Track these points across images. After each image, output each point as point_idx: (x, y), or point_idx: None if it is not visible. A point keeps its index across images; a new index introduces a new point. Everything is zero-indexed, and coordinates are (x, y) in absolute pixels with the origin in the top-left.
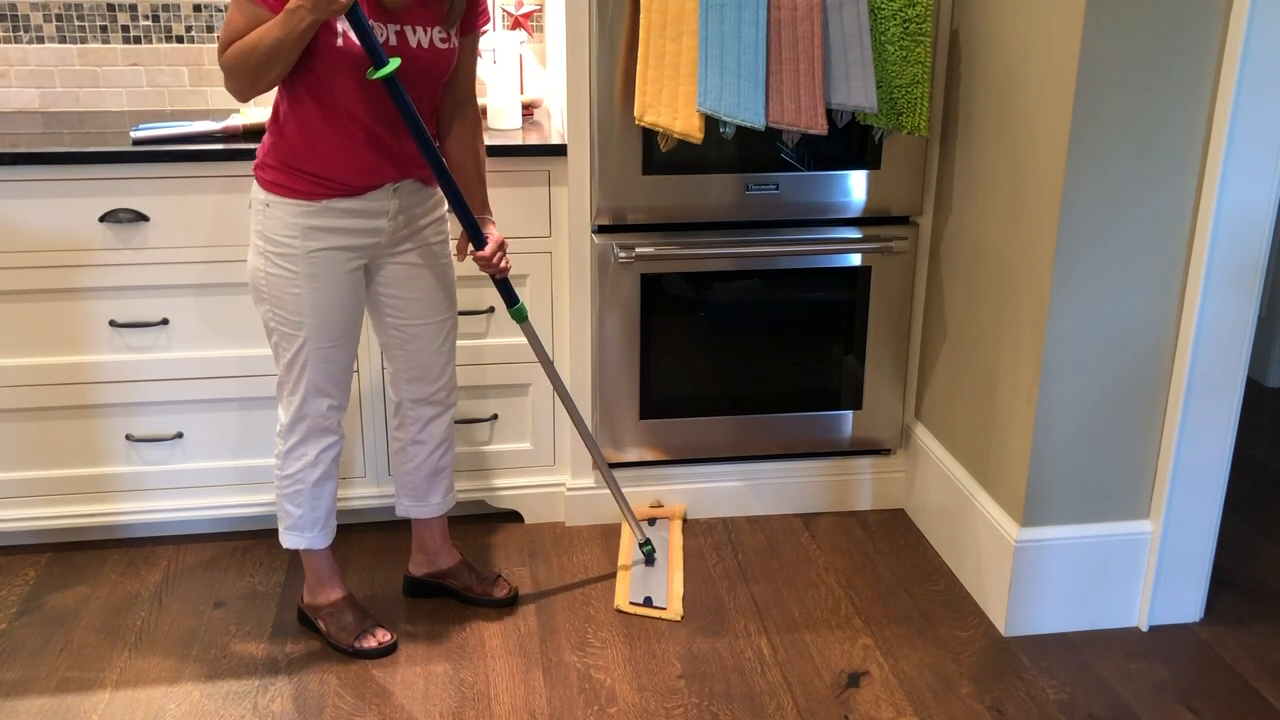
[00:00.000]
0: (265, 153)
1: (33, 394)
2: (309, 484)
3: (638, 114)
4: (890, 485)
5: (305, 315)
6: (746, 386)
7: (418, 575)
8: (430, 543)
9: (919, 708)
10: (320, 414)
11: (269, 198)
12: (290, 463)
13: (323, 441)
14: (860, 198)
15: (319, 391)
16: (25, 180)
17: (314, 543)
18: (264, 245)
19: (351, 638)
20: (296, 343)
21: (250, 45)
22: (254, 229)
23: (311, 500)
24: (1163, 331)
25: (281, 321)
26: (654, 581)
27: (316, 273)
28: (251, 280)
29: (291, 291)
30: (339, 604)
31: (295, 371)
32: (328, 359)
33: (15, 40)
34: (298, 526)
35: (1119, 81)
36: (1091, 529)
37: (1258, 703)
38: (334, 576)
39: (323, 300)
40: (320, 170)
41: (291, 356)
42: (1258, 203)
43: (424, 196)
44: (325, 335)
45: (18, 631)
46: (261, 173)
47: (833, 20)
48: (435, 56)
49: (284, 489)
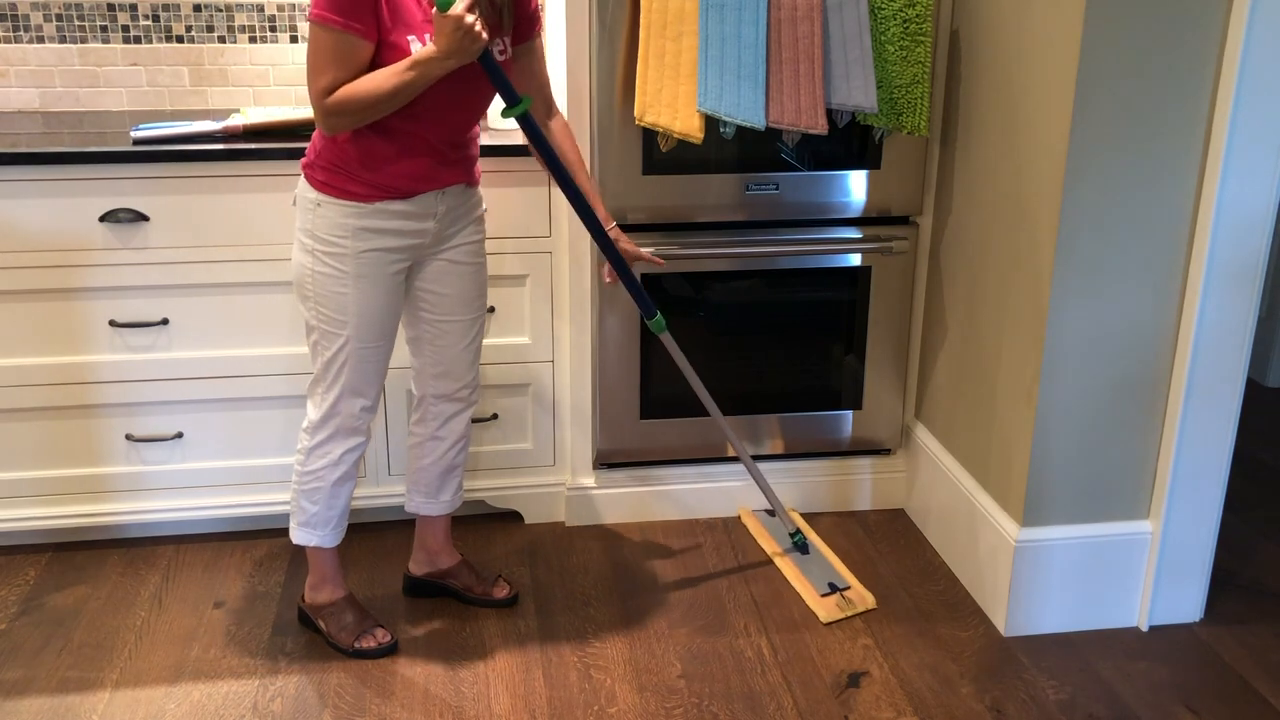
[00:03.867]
0: (317, 154)
1: (33, 394)
2: (329, 483)
3: (638, 114)
4: (890, 485)
5: (350, 315)
6: (747, 386)
7: (418, 575)
8: (433, 541)
9: (919, 708)
10: (352, 414)
11: (320, 197)
12: (313, 459)
13: (349, 442)
14: (860, 198)
15: (354, 392)
16: (25, 180)
17: (324, 541)
18: (312, 244)
19: (351, 638)
20: (338, 342)
21: (368, 90)
22: (301, 226)
23: (329, 499)
24: (1163, 331)
25: (325, 320)
26: (819, 569)
27: (364, 273)
28: (297, 278)
29: (338, 290)
30: (340, 604)
31: (333, 370)
32: (367, 359)
33: (15, 40)
34: (311, 523)
35: (1119, 82)
36: (1091, 529)
37: (1258, 703)
38: (337, 576)
39: (368, 301)
40: (375, 177)
41: (331, 355)
42: (1258, 203)
43: (467, 196)
44: (367, 335)
45: (18, 631)
46: (312, 173)
47: (833, 20)
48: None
49: (303, 484)
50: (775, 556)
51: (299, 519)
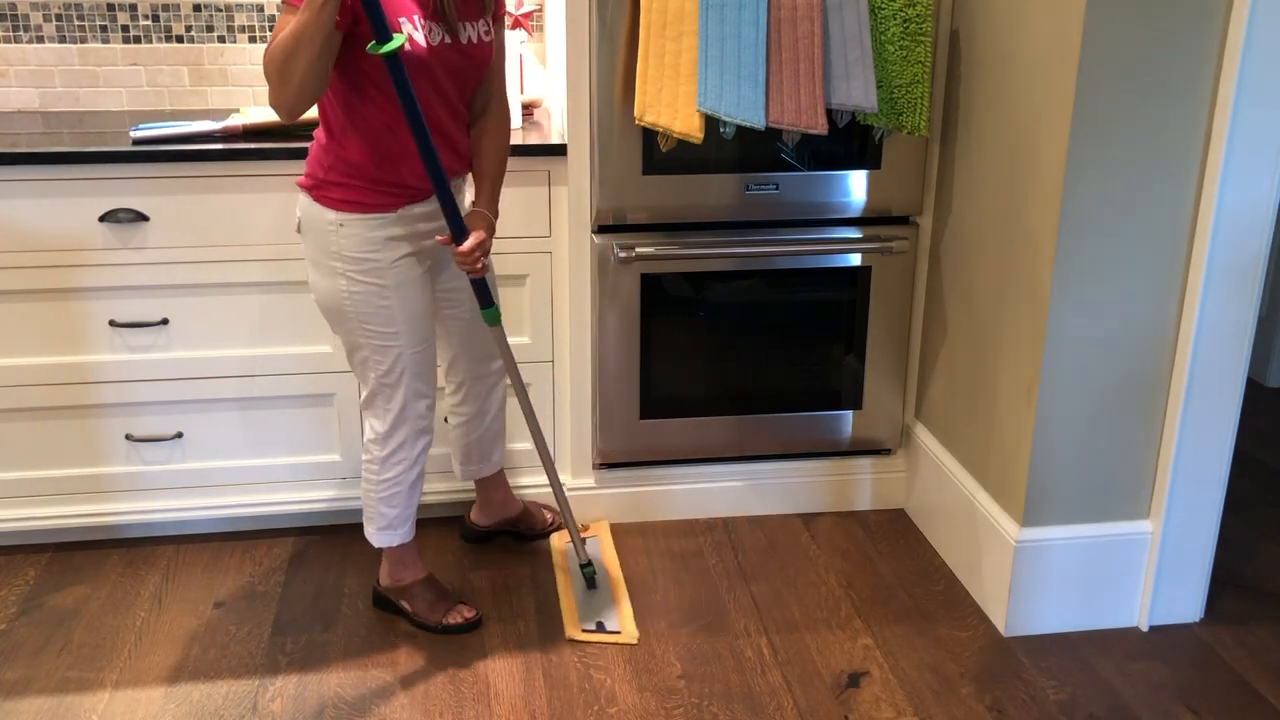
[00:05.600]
0: (325, 171)
1: (33, 394)
2: (407, 485)
3: (638, 114)
4: (890, 485)
5: (399, 324)
6: (746, 386)
7: (486, 525)
8: (498, 495)
9: (919, 708)
10: (420, 414)
11: (341, 216)
12: (389, 468)
13: (420, 442)
14: (860, 198)
15: (417, 394)
16: (25, 180)
17: (405, 538)
18: (341, 265)
19: (439, 615)
20: (393, 354)
21: (278, 42)
22: (320, 250)
23: (407, 500)
24: (1163, 332)
25: (374, 336)
26: (601, 604)
27: (402, 280)
28: (330, 304)
29: (382, 304)
30: (423, 583)
31: (393, 380)
32: (421, 360)
33: (15, 40)
34: (392, 526)
35: (1119, 82)
36: (1091, 529)
37: (1258, 703)
38: (416, 559)
39: (411, 306)
40: (393, 177)
41: (388, 367)
42: (1258, 203)
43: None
44: (417, 339)
45: (18, 631)
46: (324, 192)
47: (833, 20)
48: (484, 50)
49: (381, 493)
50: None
51: (378, 524)
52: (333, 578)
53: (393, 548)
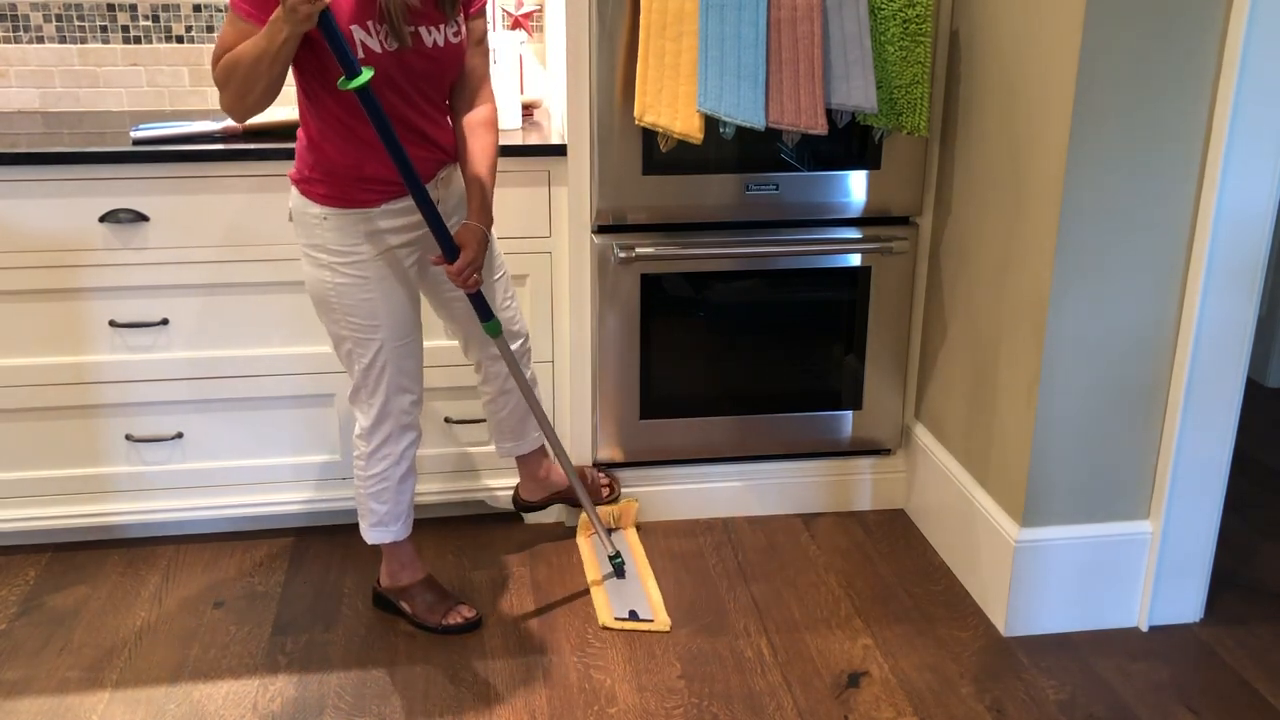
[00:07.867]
0: (309, 168)
1: (33, 394)
2: (394, 481)
3: (638, 114)
4: (890, 485)
5: (380, 318)
6: (746, 386)
7: (536, 499)
8: (540, 470)
9: (919, 708)
10: (403, 410)
11: (326, 210)
12: (375, 463)
13: (405, 438)
14: (860, 198)
15: (400, 389)
16: (25, 180)
17: (398, 535)
18: (326, 258)
19: (439, 616)
20: (374, 347)
21: (235, 59)
22: (309, 242)
23: (396, 496)
24: (1163, 331)
25: (355, 329)
26: (631, 593)
27: (385, 274)
28: (317, 294)
29: (364, 297)
30: (421, 584)
31: (374, 374)
32: (404, 355)
33: (15, 40)
34: (384, 522)
35: (1119, 81)
36: (1091, 529)
37: (1258, 703)
38: (414, 560)
39: (394, 300)
40: (376, 173)
41: (370, 360)
42: (1258, 203)
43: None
44: (400, 333)
45: (18, 631)
46: (310, 187)
47: (833, 20)
48: (451, 52)
49: (369, 488)
50: (593, 585)
51: (370, 520)
52: (333, 577)
53: (391, 549)
